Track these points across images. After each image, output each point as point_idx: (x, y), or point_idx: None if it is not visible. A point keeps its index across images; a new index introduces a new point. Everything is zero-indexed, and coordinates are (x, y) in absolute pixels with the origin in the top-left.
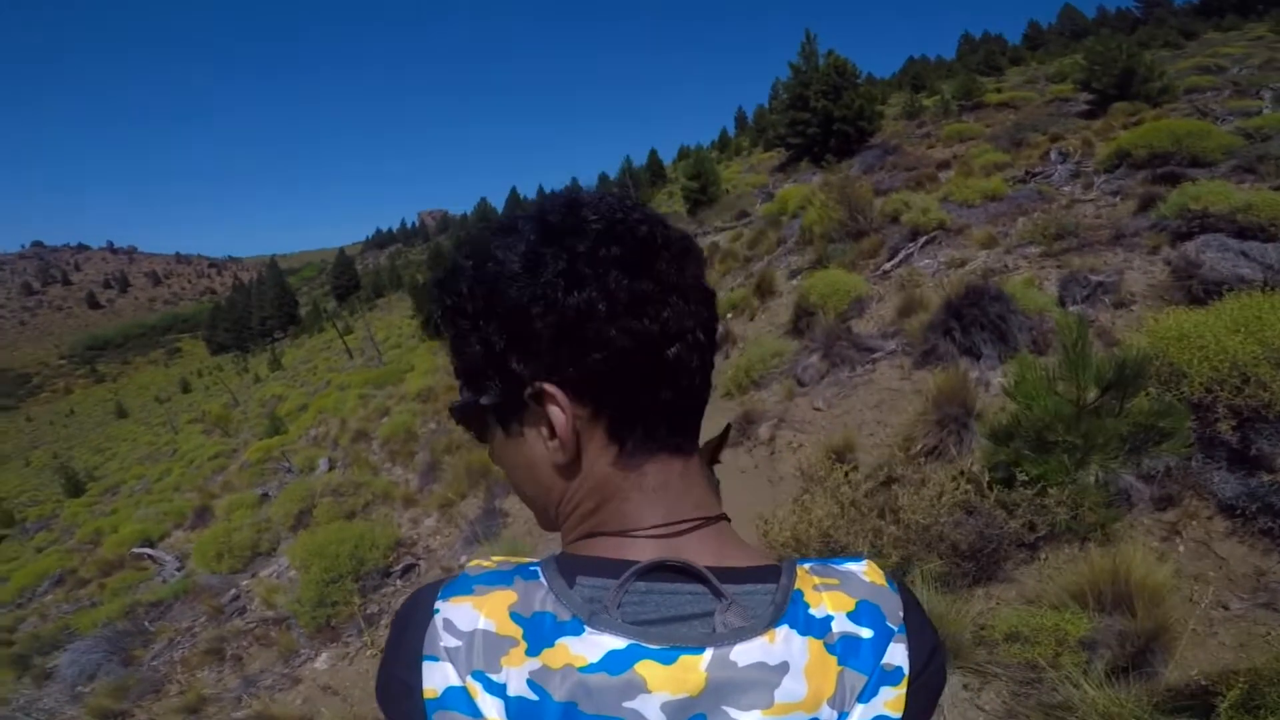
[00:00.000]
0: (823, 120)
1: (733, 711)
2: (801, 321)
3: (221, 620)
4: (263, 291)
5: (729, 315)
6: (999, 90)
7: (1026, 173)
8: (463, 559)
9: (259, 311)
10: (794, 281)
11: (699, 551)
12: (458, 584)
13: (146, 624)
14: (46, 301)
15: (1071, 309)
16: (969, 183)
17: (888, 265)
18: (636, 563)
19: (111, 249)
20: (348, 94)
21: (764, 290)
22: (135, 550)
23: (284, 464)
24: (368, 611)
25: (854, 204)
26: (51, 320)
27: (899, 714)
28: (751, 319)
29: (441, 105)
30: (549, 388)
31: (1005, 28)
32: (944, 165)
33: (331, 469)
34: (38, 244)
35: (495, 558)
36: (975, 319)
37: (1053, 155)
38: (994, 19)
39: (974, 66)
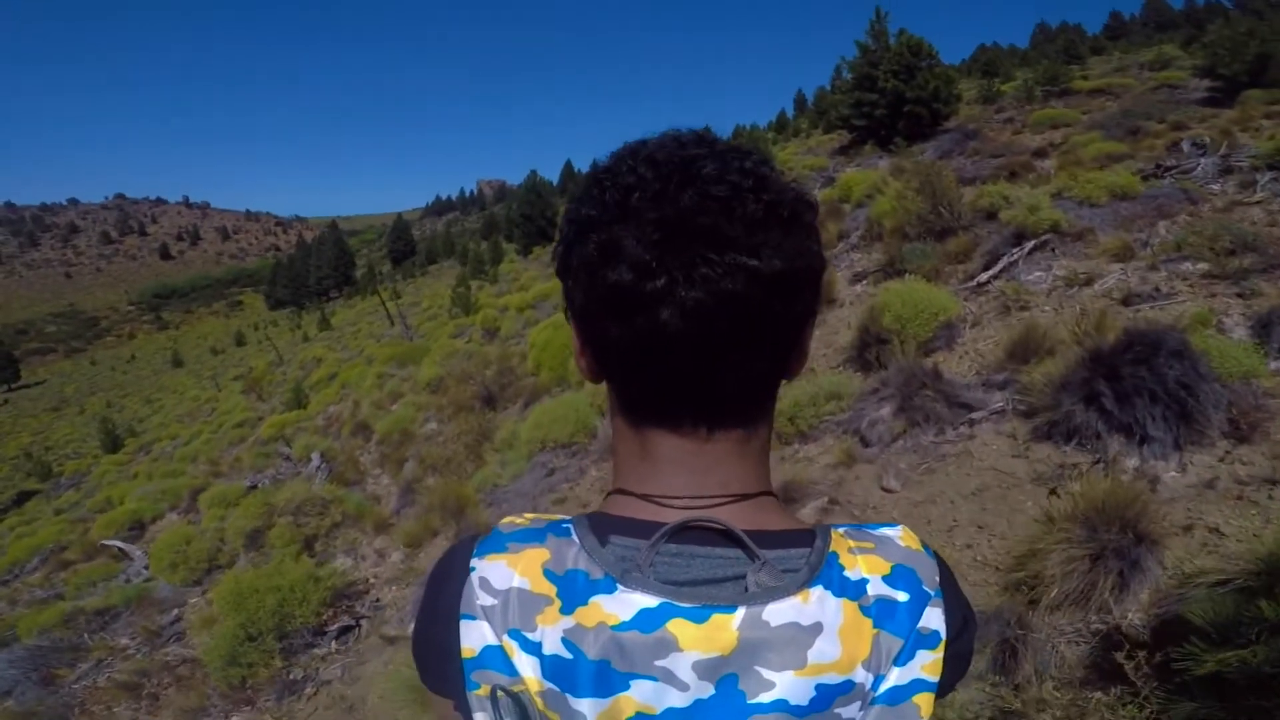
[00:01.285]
0: (892, 101)
1: (765, 671)
2: (869, 350)
3: (156, 645)
4: (322, 251)
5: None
6: (1085, 77)
7: (1158, 166)
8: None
9: (316, 271)
10: (859, 288)
11: (732, 519)
12: (491, 541)
13: (86, 635)
14: (123, 250)
15: (1276, 366)
16: (1090, 176)
17: (984, 276)
18: (667, 524)
19: (187, 203)
20: (419, 66)
21: (820, 297)
22: (105, 541)
23: (284, 449)
24: (290, 677)
25: (939, 194)
26: (126, 268)
27: (935, 678)
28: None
29: (507, 79)
30: (571, 312)
31: (1081, 19)
32: (1040, 154)
33: (322, 464)
34: (120, 196)
35: (528, 515)
36: (1140, 383)
37: (1185, 146)
38: (1070, 10)
39: (1052, 55)
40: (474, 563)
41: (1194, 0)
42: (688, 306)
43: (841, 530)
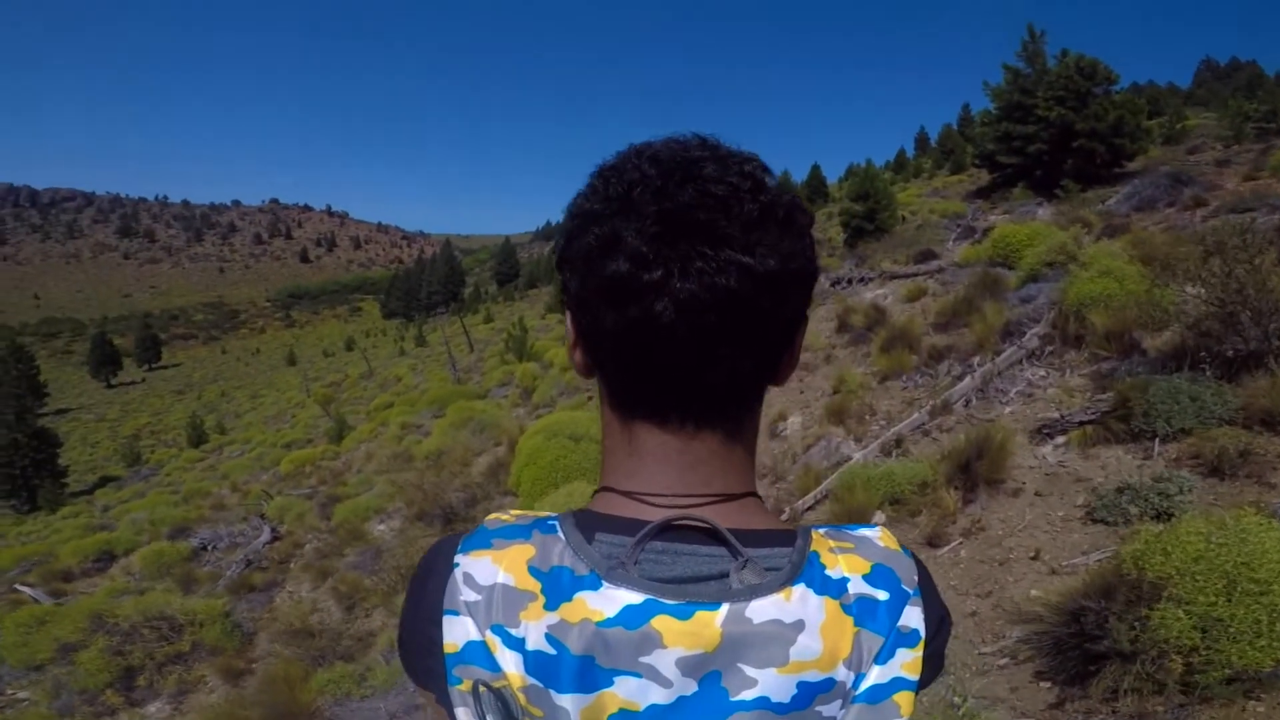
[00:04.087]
0: (1057, 135)
1: (747, 668)
2: (1110, 671)
3: None
4: (435, 268)
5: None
6: None
7: None
8: None
9: (428, 285)
10: (1049, 451)
11: (717, 518)
12: (476, 537)
13: None
14: (270, 251)
15: None
16: None
17: None
18: (652, 522)
19: (329, 211)
20: (548, 91)
21: (977, 472)
22: (19, 587)
23: (262, 504)
24: None
25: (1247, 287)
26: (270, 268)
27: (915, 677)
28: (949, 548)
29: (627, 105)
30: (568, 303)
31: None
32: None
33: (266, 543)
34: (274, 201)
35: (514, 511)
36: None
37: None
38: (1226, 48)
39: (1225, 94)
40: (458, 559)
41: None
42: (681, 299)
43: (822, 531)
